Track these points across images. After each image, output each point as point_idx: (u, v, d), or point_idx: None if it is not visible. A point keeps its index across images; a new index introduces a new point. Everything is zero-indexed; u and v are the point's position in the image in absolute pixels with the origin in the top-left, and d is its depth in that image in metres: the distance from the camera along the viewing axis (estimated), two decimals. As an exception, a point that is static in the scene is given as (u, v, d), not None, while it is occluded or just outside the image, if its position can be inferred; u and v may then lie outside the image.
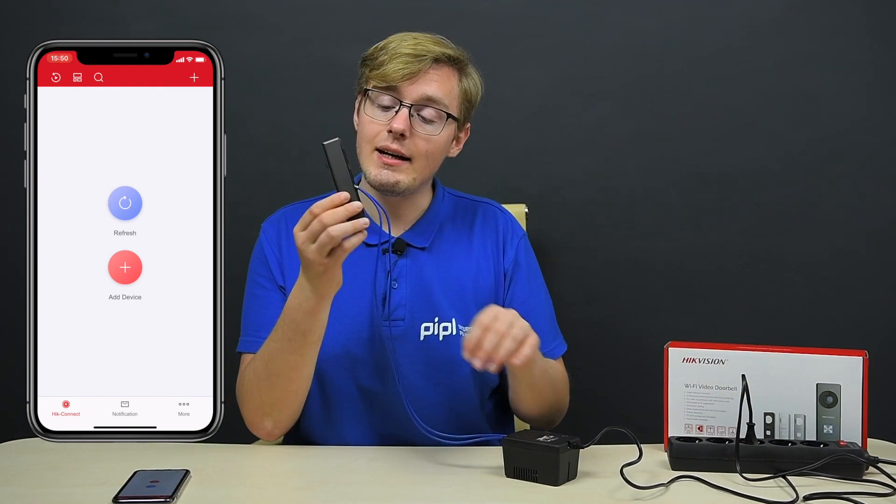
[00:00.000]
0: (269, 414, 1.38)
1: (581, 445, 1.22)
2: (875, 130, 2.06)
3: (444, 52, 1.44)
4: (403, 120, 1.40)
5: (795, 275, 2.08)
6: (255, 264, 1.51)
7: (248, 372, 1.39)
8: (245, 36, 2.07)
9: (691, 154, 2.08)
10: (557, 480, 1.19)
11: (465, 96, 1.48)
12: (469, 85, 1.49)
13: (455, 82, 1.46)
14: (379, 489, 1.21)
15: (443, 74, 1.44)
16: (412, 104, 1.41)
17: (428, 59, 1.42)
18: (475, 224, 1.56)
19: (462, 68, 1.48)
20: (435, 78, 1.43)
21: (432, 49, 1.43)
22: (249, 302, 1.49)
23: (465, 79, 1.48)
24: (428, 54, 1.42)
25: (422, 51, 1.42)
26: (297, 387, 1.37)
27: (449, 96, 1.45)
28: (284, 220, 1.52)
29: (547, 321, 1.55)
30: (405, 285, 1.47)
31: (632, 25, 2.07)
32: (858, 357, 1.32)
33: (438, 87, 1.43)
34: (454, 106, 1.46)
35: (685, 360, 1.36)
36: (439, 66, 1.44)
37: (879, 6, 2.05)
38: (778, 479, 1.22)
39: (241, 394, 1.40)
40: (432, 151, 1.44)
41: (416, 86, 1.41)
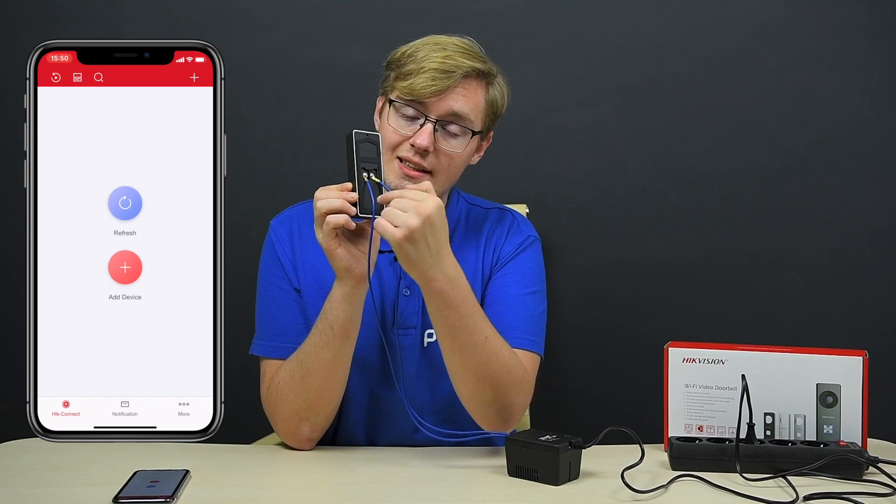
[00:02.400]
0: (307, 418, 1.35)
1: (583, 446, 1.23)
2: (875, 131, 2.06)
3: (473, 66, 1.39)
4: (428, 136, 1.37)
5: (795, 275, 2.08)
6: (269, 264, 1.47)
7: (280, 377, 1.36)
8: (245, 36, 2.07)
9: (691, 154, 2.08)
10: (557, 480, 1.19)
11: (490, 108, 1.44)
12: (496, 95, 1.45)
13: (482, 95, 1.43)
14: (379, 489, 1.21)
15: (470, 89, 1.40)
16: (437, 119, 1.38)
17: (457, 75, 1.37)
18: (483, 230, 1.52)
19: (490, 81, 1.44)
20: (462, 93, 1.39)
21: (462, 63, 1.38)
22: (266, 304, 1.46)
23: (492, 89, 1.44)
24: (457, 70, 1.37)
25: (451, 66, 1.37)
26: (332, 387, 1.34)
27: (475, 111, 1.41)
28: (297, 219, 1.49)
29: (525, 317, 1.44)
30: (416, 293, 1.44)
31: (632, 25, 2.07)
32: (858, 357, 1.32)
33: (465, 102, 1.39)
34: (479, 119, 1.43)
35: (685, 360, 1.36)
36: (468, 80, 1.40)
37: (879, 6, 2.05)
38: (778, 479, 1.22)
39: (274, 401, 1.37)
40: (454, 166, 1.42)
41: (443, 102, 1.38)
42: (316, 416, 1.35)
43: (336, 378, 1.34)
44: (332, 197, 1.24)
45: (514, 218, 1.56)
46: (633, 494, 1.16)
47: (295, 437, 1.37)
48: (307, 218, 1.45)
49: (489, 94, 1.43)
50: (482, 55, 1.44)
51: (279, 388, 1.36)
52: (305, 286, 1.44)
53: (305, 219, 1.47)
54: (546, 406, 1.92)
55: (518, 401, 1.36)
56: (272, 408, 1.38)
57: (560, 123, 2.09)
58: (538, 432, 1.25)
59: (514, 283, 1.46)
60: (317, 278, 1.44)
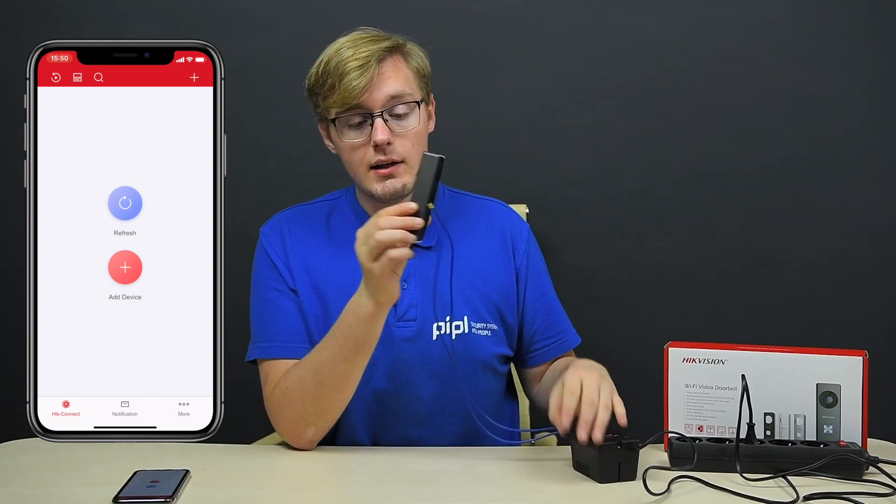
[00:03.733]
0: (313, 423, 1.35)
1: (638, 446, 1.23)
2: (875, 130, 2.06)
3: (382, 47, 1.42)
4: (382, 129, 1.39)
5: (795, 275, 2.08)
6: (263, 269, 1.48)
7: (287, 381, 1.36)
8: (245, 36, 2.07)
9: (691, 154, 2.08)
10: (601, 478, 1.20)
11: (419, 74, 1.46)
12: (417, 62, 1.47)
13: (405, 67, 1.45)
14: (379, 489, 1.21)
15: (392, 67, 1.42)
16: (382, 110, 1.40)
17: (373, 61, 1.40)
18: (480, 222, 1.55)
19: (404, 52, 1.46)
20: (389, 75, 1.41)
21: (373, 49, 1.40)
22: (261, 307, 1.46)
23: (411, 59, 1.46)
24: (371, 58, 1.40)
25: (364, 58, 1.39)
26: (345, 396, 1.35)
27: (408, 83, 1.43)
28: (286, 223, 1.51)
29: (564, 314, 1.59)
30: (415, 285, 1.46)
31: (632, 25, 2.07)
32: (858, 357, 1.32)
33: (395, 81, 1.41)
34: (415, 89, 1.45)
35: (685, 360, 1.36)
36: (385, 61, 1.42)
37: (879, 6, 2.05)
38: (778, 479, 1.22)
39: (280, 404, 1.36)
40: (418, 142, 1.44)
41: (377, 92, 1.40)
42: (323, 422, 1.36)
43: (350, 388, 1.35)
44: (396, 227, 1.20)
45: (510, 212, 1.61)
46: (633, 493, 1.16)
47: (299, 439, 1.37)
48: (296, 221, 1.51)
49: (410, 63, 1.46)
50: (385, 34, 1.46)
51: (286, 392, 1.36)
52: (300, 287, 1.45)
53: (295, 222, 1.51)
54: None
55: None
56: (277, 410, 1.37)
57: (560, 123, 2.09)
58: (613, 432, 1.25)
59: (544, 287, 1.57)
60: (310, 279, 1.46)
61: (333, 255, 1.47)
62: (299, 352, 1.40)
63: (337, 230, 1.50)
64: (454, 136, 2.09)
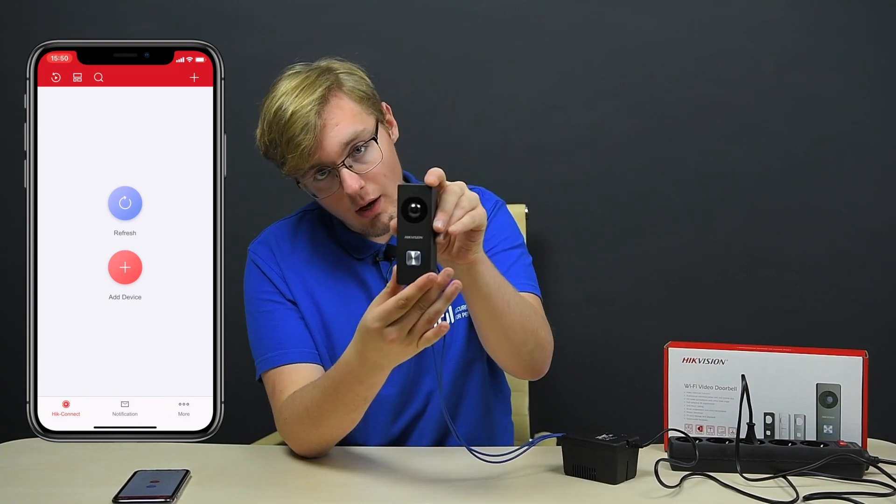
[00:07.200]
0: (319, 448, 1.32)
1: (640, 445, 1.23)
2: (875, 130, 2.06)
3: (314, 97, 1.33)
4: (350, 178, 1.34)
5: (795, 275, 2.08)
6: (256, 284, 1.45)
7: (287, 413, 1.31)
8: (245, 36, 2.07)
9: (691, 154, 2.08)
10: (616, 479, 1.20)
11: (363, 100, 1.39)
12: (355, 86, 1.39)
13: (347, 102, 1.37)
14: (379, 489, 1.21)
15: (336, 110, 1.35)
16: (341, 160, 1.35)
17: (311, 118, 1.32)
18: None
19: (340, 84, 1.37)
20: (335, 122, 1.34)
21: (306, 105, 1.32)
22: (259, 320, 1.43)
23: (348, 89, 1.38)
24: (309, 115, 1.32)
25: (302, 118, 1.32)
26: (350, 427, 1.29)
27: (357, 119, 1.36)
28: (273, 237, 1.49)
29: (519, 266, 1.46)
30: None
31: (632, 25, 2.07)
32: (858, 357, 1.32)
33: (343, 125, 1.35)
34: (366, 120, 1.38)
35: (685, 360, 1.36)
36: (325, 106, 1.34)
37: (879, 6, 2.05)
38: (778, 479, 1.22)
39: (284, 430, 1.33)
40: (390, 170, 1.39)
41: (328, 145, 1.34)
42: (328, 445, 1.32)
43: (354, 422, 1.29)
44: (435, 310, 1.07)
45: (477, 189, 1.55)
46: (633, 492, 1.16)
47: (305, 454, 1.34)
48: (283, 236, 1.49)
49: (350, 95, 1.38)
50: (315, 69, 1.38)
51: (292, 425, 1.31)
52: (299, 298, 1.44)
53: (282, 237, 1.49)
54: (546, 406, 1.92)
55: (547, 334, 1.37)
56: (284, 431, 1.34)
57: (560, 124, 2.09)
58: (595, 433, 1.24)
59: (500, 242, 1.47)
60: (305, 288, 1.45)
61: (325, 268, 1.46)
62: (307, 357, 1.39)
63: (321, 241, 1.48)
64: (454, 136, 2.10)
